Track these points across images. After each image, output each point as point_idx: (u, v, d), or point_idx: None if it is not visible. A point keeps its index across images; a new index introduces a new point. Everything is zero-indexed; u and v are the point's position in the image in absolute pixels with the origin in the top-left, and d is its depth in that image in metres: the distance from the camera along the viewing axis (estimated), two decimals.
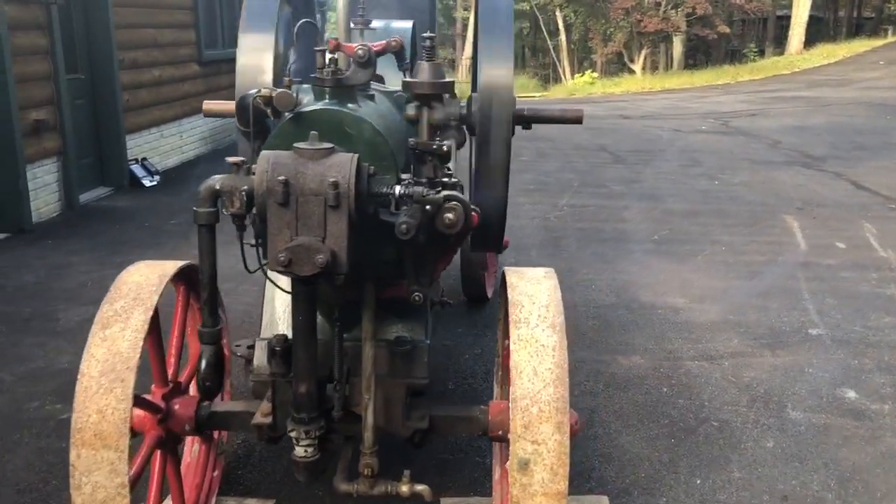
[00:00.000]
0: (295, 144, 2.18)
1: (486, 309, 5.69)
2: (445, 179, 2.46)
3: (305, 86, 2.58)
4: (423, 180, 2.37)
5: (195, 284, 3.15)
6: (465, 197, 2.40)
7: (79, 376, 2.50)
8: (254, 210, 2.18)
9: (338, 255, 2.14)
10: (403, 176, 2.39)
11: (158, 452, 2.90)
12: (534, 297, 2.67)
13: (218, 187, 2.20)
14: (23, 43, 7.61)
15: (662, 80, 27.79)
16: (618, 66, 33.58)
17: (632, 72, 30.99)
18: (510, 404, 2.46)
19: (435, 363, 4.75)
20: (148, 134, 10.50)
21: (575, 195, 9.74)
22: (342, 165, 2.13)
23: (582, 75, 30.63)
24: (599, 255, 7.19)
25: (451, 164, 2.62)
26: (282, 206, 2.11)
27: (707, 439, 4.02)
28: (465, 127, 4.07)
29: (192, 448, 3.44)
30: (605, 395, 4.48)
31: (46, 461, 3.73)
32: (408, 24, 3.90)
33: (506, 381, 2.85)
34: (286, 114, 2.37)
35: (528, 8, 35.32)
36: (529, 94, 27.82)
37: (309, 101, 2.46)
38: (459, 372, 4.75)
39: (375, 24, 3.93)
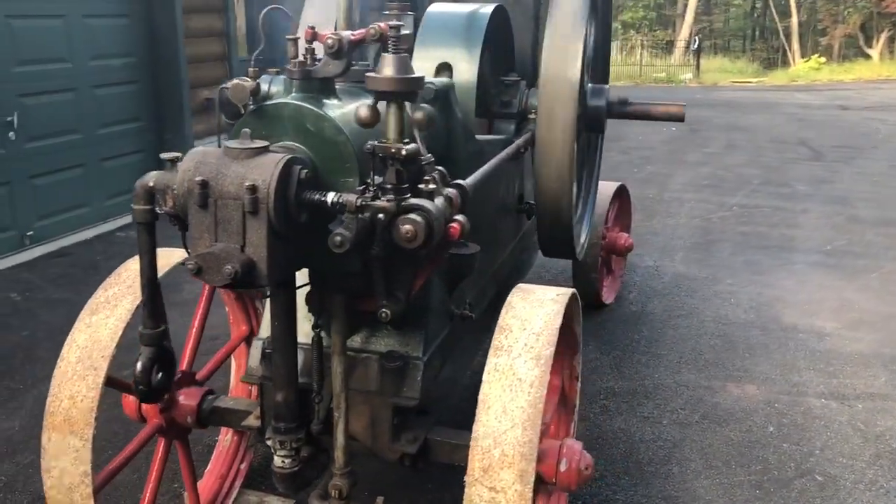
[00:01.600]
0: (225, 142, 2.02)
1: (597, 316, 5.27)
2: (422, 186, 2.19)
3: (281, 77, 2.40)
4: (388, 186, 2.12)
5: None
6: (435, 207, 2.11)
7: (59, 360, 2.54)
8: None
9: (257, 264, 1.96)
10: (373, 181, 2.14)
11: (163, 441, 2.90)
12: (526, 323, 2.35)
13: (152, 184, 2.09)
14: (197, 25, 8.10)
15: None
16: (856, 50, 30.37)
17: (868, 57, 27.87)
18: (471, 442, 2.18)
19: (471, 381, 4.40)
20: None
21: (750, 194, 8.86)
22: (265, 167, 1.93)
23: (807, 60, 27.97)
24: (752, 264, 6.45)
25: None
26: (201, 208, 1.96)
27: (801, 496, 3.43)
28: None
29: (224, 437, 3.44)
30: (697, 427, 3.97)
31: (111, 430, 3.86)
32: (488, 9, 3.57)
33: None
34: (250, 106, 2.21)
35: None
36: (746, 79, 25.81)
37: (278, 94, 2.29)
38: None
39: (462, 7, 3.65)
